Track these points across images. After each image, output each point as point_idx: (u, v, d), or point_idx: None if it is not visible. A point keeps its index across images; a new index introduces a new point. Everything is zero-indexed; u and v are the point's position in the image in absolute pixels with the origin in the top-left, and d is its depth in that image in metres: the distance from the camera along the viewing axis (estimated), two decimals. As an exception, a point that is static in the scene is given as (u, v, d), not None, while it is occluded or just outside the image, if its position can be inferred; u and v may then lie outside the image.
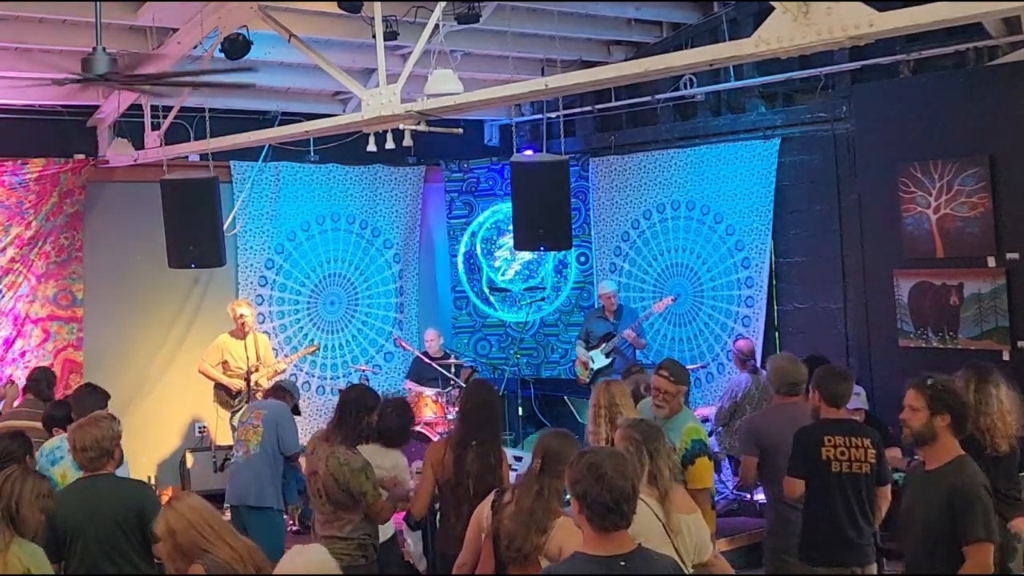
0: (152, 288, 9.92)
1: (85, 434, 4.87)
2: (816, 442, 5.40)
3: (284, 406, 7.23)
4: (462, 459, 5.46)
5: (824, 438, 5.38)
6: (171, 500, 4.10)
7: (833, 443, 5.36)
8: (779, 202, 9.68)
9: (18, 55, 8.12)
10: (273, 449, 6.96)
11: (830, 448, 5.35)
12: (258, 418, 7.03)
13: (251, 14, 7.72)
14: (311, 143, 10.24)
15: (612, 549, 3.35)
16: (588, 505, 3.35)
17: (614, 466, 3.37)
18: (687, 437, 5.65)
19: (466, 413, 5.70)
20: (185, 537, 3.89)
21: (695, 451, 5.59)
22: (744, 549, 7.91)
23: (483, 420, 5.59)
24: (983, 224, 8.01)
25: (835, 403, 5.49)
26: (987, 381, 5.45)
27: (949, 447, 4.44)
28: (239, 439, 7.16)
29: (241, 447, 7.08)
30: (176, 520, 3.93)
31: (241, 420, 7.31)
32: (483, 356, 11.43)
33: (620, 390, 5.81)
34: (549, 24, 9.13)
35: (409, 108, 6.92)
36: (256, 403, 7.58)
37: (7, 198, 9.10)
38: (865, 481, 5.37)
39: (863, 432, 5.45)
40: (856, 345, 9.14)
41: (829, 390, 5.50)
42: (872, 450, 5.36)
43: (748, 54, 5.39)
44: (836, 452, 5.34)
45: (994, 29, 7.94)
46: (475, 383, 6.26)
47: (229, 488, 7.23)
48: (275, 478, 6.97)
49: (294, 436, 7.15)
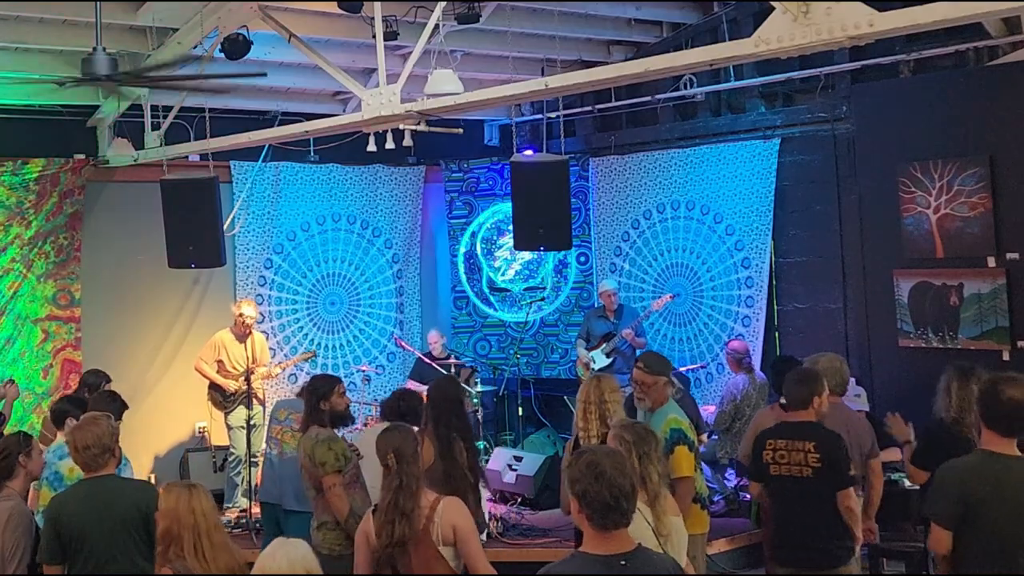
0: (152, 288, 9.92)
1: (86, 433, 4.87)
2: (760, 445, 5.55)
3: None
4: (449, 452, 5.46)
5: (767, 441, 5.52)
6: (191, 488, 4.17)
7: (773, 446, 5.46)
8: (779, 202, 9.68)
9: (18, 55, 8.13)
10: None
11: (770, 451, 5.47)
12: (297, 421, 6.90)
13: (251, 14, 7.72)
14: (311, 143, 10.25)
15: (612, 548, 3.35)
16: (588, 504, 3.34)
17: (613, 464, 3.37)
18: (666, 427, 5.70)
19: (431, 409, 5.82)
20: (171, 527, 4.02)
21: (673, 440, 5.66)
22: (744, 549, 7.91)
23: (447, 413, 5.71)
24: (983, 224, 8.01)
25: (789, 406, 5.59)
26: (969, 379, 5.53)
27: None
28: (274, 436, 7.11)
29: (276, 445, 7.04)
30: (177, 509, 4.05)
31: (276, 417, 7.22)
32: (483, 356, 11.43)
33: (609, 386, 5.82)
34: (549, 24, 9.12)
35: (409, 108, 6.92)
36: (293, 403, 7.25)
37: (7, 198, 9.10)
38: (809, 484, 5.34)
39: (811, 437, 5.40)
40: (856, 345, 9.14)
41: (785, 392, 5.67)
42: (814, 454, 5.33)
43: (748, 54, 5.39)
44: (776, 455, 5.43)
45: (994, 29, 7.94)
46: (441, 380, 6.28)
47: (264, 485, 7.26)
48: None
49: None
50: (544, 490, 8.69)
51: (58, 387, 9.20)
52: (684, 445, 5.68)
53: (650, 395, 5.93)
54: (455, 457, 5.55)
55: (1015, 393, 4.31)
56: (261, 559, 3.62)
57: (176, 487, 4.25)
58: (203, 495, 4.19)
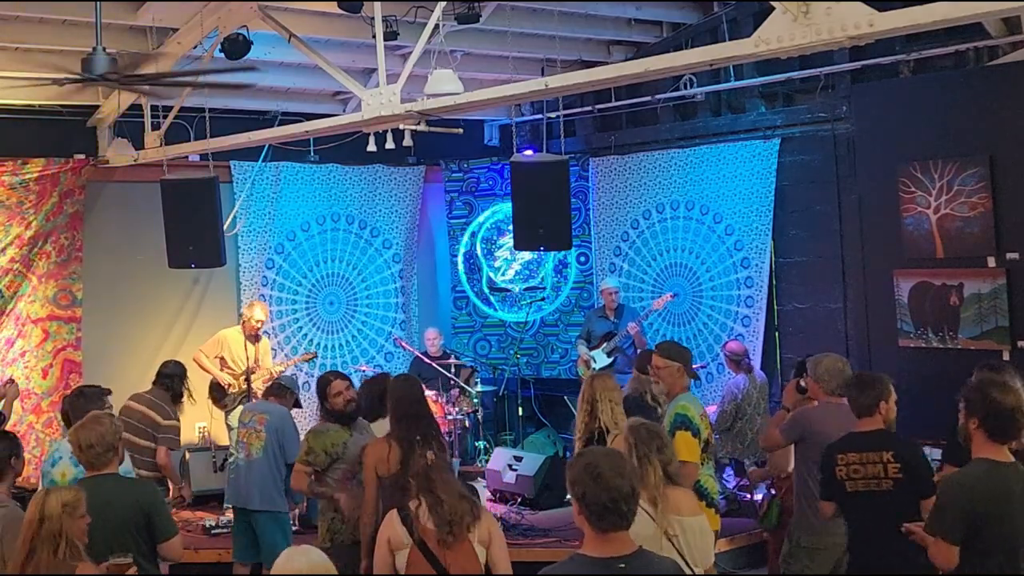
0: (152, 288, 9.91)
1: (90, 432, 4.87)
2: (830, 460, 5.13)
3: (287, 413, 7.21)
4: (408, 455, 5.42)
5: (836, 456, 5.11)
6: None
7: (846, 460, 5.07)
8: (779, 202, 9.68)
9: (18, 55, 8.13)
10: (275, 455, 6.97)
11: (843, 467, 5.07)
12: (261, 423, 7.03)
13: (251, 14, 7.73)
14: (311, 143, 10.24)
15: (611, 550, 3.33)
16: (587, 506, 3.33)
17: (611, 466, 3.35)
18: (672, 413, 5.77)
19: (394, 412, 5.75)
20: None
21: (675, 425, 5.69)
22: (744, 549, 7.90)
23: (411, 416, 5.63)
24: (983, 224, 8.01)
25: (856, 415, 5.21)
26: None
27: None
28: (241, 440, 7.13)
29: (243, 449, 7.07)
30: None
31: (242, 421, 7.28)
32: (483, 356, 11.43)
33: (603, 385, 5.87)
34: (549, 24, 9.12)
35: (409, 108, 6.93)
36: (258, 405, 7.53)
37: (7, 198, 9.09)
38: (890, 497, 4.98)
39: (887, 445, 5.06)
40: (856, 345, 9.14)
41: (848, 401, 5.29)
42: (894, 464, 4.98)
43: (748, 54, 5.40)
44: (850, 470, 5.05)
45: (994, 29, 7.94)
46: (398, 379, 6.16)
47: (230, 489, 7.25)
48: (278, 482, 7.00)
49: (297, 444, 7.13)
50: (544, 490, 8.69)
51: (58, 387, 9.20)
52: (687, 431, 5.68)
53: (663, 379, 5.98)
54: (407, 463, 5.46)
55: (1010, 399, 4.29)
56: (277, 567, 3.57)
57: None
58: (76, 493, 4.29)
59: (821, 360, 6.05)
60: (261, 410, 7.20)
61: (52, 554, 4.12)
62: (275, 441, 6.96)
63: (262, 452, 6.95)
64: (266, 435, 6.96)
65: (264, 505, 6.91)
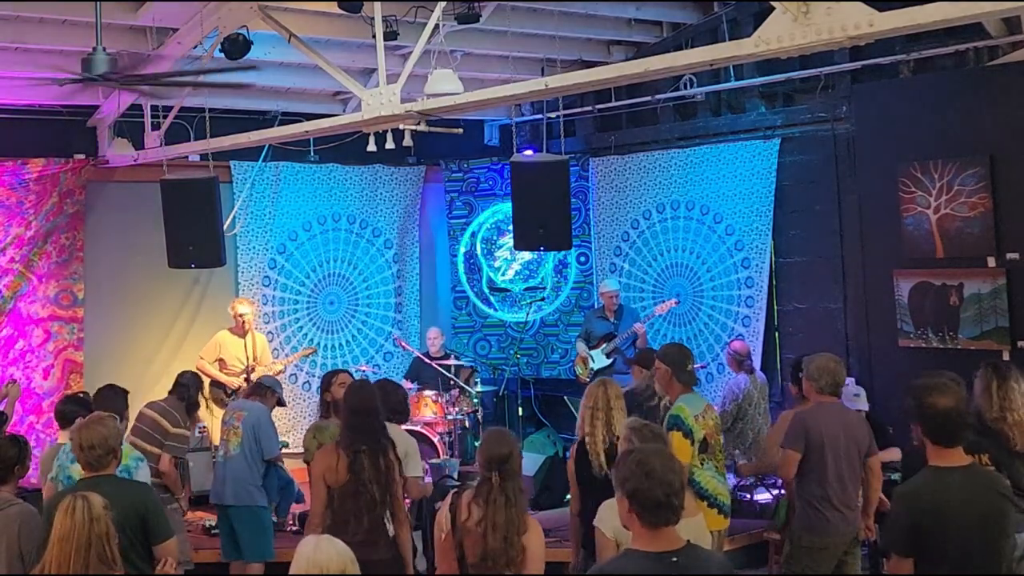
0: (152, 288, 9.92)
1: (92, 433, 4.88)
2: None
3: (264, 410, 7.30)
4: (357, 465, 5.35)
5: None
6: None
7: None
8: (779, 202, 9.68)
9: (18, 55, 8.13)
10: (252, 452, 7.09)
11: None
12: (239, 419, 7.18)
13: (251, 14, 7.72)
14: (311, 143, 10.25)
15: (663, 545, 3.40)
16: (639, 502, 3.40)
17: (662, 462, 3.43)
18: (667, 415, 6.00)
19: (345, 419, 5.62)
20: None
21: (668, 426, 5.88)
22: (744, 549, 7.89)
23: (361, 426, 5.49)
24: (983, 224, 8.01)
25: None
26: (1007, 378, 5.40)
27: None
28: (222, 438, 7.31)
29: (223, 447, 7.23)
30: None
31: (224, 419, 7.43)
32: (483, 356, 11.43)
33: (615, 392, 5.94)
34: (549, 24, 9.12)
35: (409, 108, 6.92)
36: (237, 404, 7.64)
37: (7, 198, 9.10)
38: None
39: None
40: (856, 345, 9.14)
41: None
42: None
43: (748, 54, 5.39)
44: None
45: (994, 29, 7.94)
46: (352, 386, 6.02)
47: (212, 487, 7.40)
48: (255, 478, 7.10)
49: (273, 440, 7.25)
50: (544, 490, 8.69)
51: (59, 387, 9.21)
52: (679, 432, 5.86)
53: (658, 381, 6.28)
54: (357, 472, 5.39)
55: (946, 401, 4.16)
56: (298, 556, 3.54)
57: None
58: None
59: (814, 359, 6.07)
60: (240, 408, 7.35)
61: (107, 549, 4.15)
62: (251, 437, 7.08)
63: (239, 448, 7.09)
64: (243, 431, 7.09)
65: (238, 500, 7.02)
